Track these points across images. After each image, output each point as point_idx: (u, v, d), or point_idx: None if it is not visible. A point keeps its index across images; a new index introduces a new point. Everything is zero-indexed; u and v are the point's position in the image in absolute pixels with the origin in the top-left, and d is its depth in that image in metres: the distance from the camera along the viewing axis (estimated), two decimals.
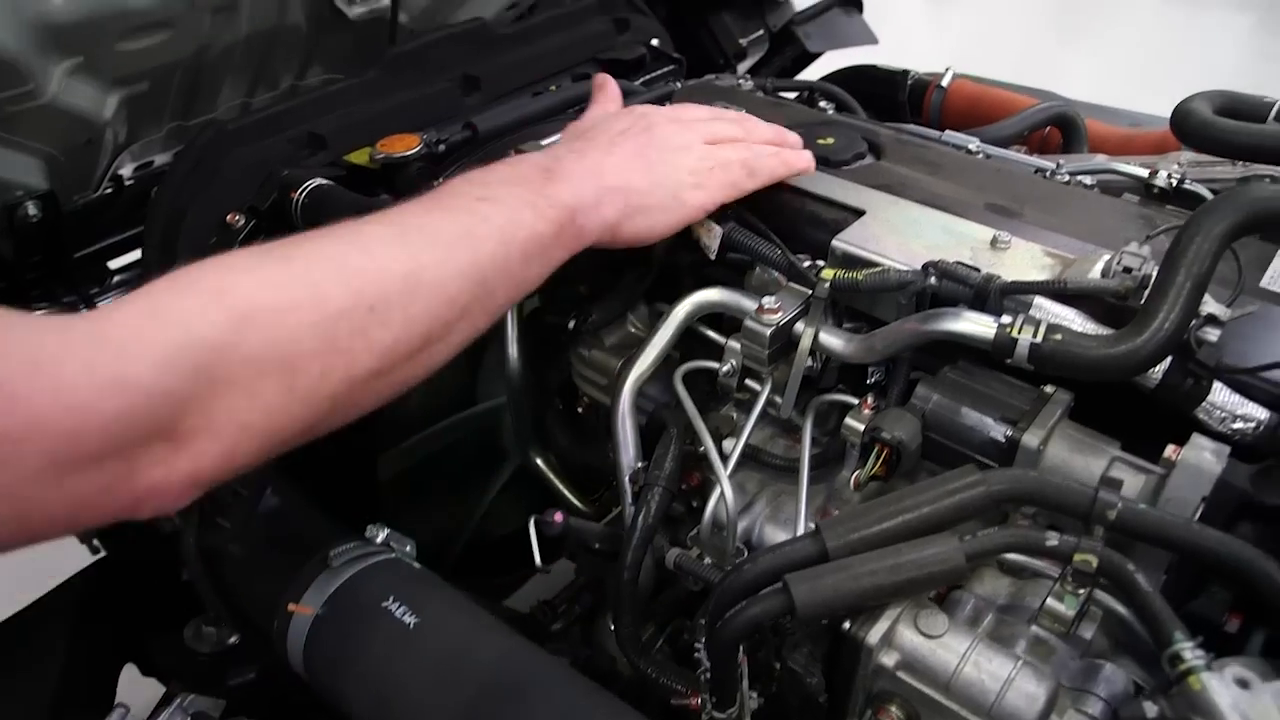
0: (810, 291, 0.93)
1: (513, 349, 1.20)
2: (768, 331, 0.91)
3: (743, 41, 2.14)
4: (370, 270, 0.74)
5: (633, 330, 1.22)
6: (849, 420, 0.92)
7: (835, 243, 0.96)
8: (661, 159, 0.96)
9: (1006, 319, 0.81)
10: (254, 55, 1.50)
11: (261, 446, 0.70)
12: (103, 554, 1.35)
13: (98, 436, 0.60)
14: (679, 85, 1.37)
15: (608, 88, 1.12)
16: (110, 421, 0.60)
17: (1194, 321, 0.77)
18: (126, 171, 1.54)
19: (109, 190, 1.52)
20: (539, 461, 1.30)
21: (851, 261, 0.95)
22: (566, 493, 1.28)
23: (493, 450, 1.61)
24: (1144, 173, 1.18)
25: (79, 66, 1.23)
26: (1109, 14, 6.08)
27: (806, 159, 1.06)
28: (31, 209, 1.30)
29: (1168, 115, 1.61)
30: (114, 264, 1.69)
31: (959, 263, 0.90)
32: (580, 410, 1.29)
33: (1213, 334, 0.79)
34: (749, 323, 0.92)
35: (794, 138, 1.09)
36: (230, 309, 0.67)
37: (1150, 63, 5.18)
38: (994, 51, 5.34)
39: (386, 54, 1.47)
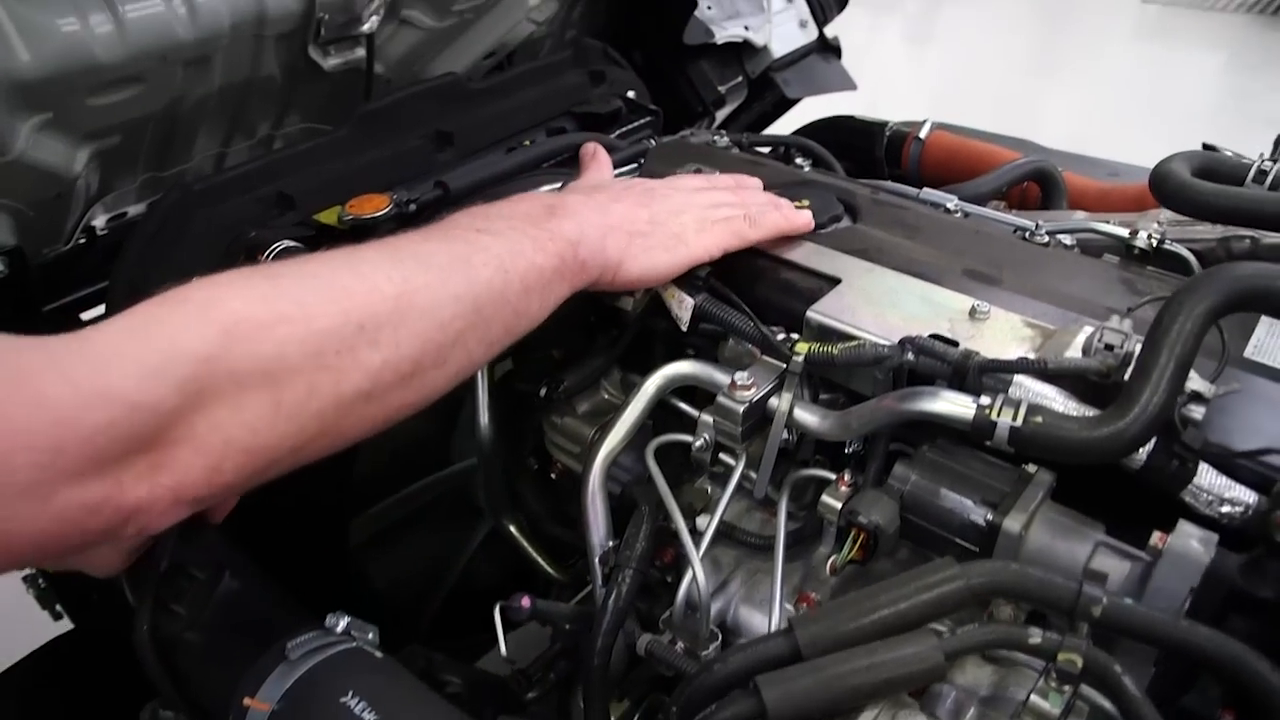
0: (785, 366, 0.90)
1: (484, 415, 1.17)
2: (740, 409, 0.88)
3: (721, 88, 2.13)
4: (359, 290, 0.73)
5: (606, 396, 1.19)
6: (825, 498, 0.89)
7: (810, 314, 0.94)
8: (663, 210, 0.98)
9: (985, 400, 0.78)
10: (229, 106, 1.48)
11: (247, 465, 0.68)
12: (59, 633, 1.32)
13: (81, 450, 0.59)
14: (653, 142, 1.35)
15: (599, 156, 1.13)
16: (94, 434, 0.59)
17: (1179, 398, 0.75)
18: (99, 223, 1.51)
19: (81, 241, 1.50)
20: (512, 528, 1.27)
21: (827, 333, 0.93)
22: (540, 560, 1.25)
23: (469, 509, 1.57)
24: (1124, 232, 1.16)
25: (47, 122, 1.20)
26: (1085, 52, 6.17)
27: (807, 217, 1.07)
28: None
29: (1144, 160, 1.61)
30: (87, 315, 1.66)
31: (936, 336, 0.88)
32: (554, 476, 1.26)
33: (1198, 412, 0.77)
34: (722, 399, 0.89)
35: (786, 204, 1.09)
36: (215, 322, 0.66)
37: (1125, 100, 5.25)
38: (972, 90, 5.41)
39: (357, 111, 1.45)
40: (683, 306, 0.95)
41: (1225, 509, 0.75)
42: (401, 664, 0.92)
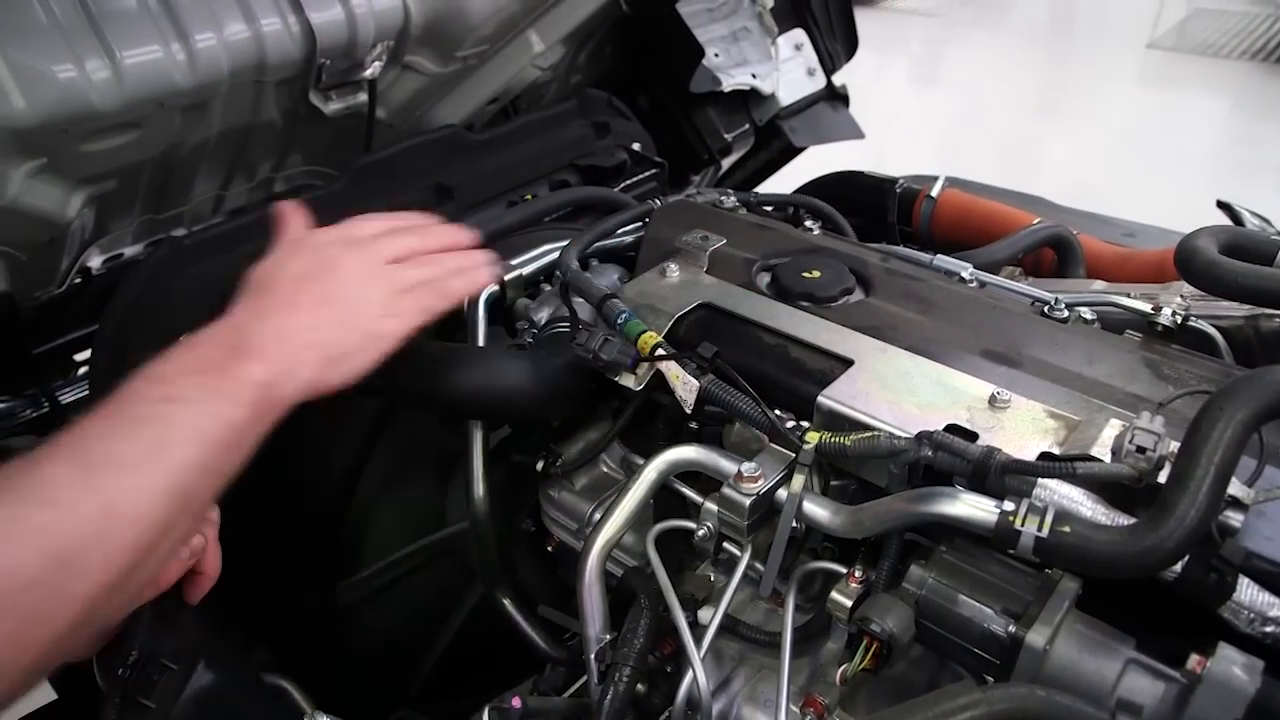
0: (794, 455, 0.85)
1: (478, 487, 1.13)
2: (747, 502, 0.83)
3: (728, 136, 2.11)
4: (54, 522, 0.68)
5: (605, 470, 1.14)
6: (835, 595, 0.84)
7: (821, 399, 0.89)
8: (348, 302, 0.92)
9: (1009, 505, 0.73)
10: (228, 150, 1.46)
11: None
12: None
13: None
14: (658, 202, 1.31)
15: (289, 219, 1.04)
16: None
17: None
18: (95, 264, 1.49)
19: (77, 282, 1.46)
20: (505, 601, 1.21)
21: (838, 420, 0.88)
22: (534, 636, 1.20)
23: (462, 571, 1.53)
24: (1147, 307, 1.12)
25: (42, 168, 1.18)
26: (1089, 96, 6.18)
27: (489, 274, 1.05)
28: None
29: (1149, 207, 1.58)
30: (80, 356, 1.63)
31: (954, 426, 0.84)
32: (550, 549, 1.21)
33: (1237, 519, 0.73)
34: (727, 491, 0.85)
35: (473, 261, 1.05)
36: None
37: (1129, 145, 5.25)
38: (976, 133, 5.41)
39: (354, 164, 1.42)
40: (687, 389, 0.91)
41: (1269, 629, 0.71)
42: None
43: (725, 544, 0.92)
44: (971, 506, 0.75)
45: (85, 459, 0.72)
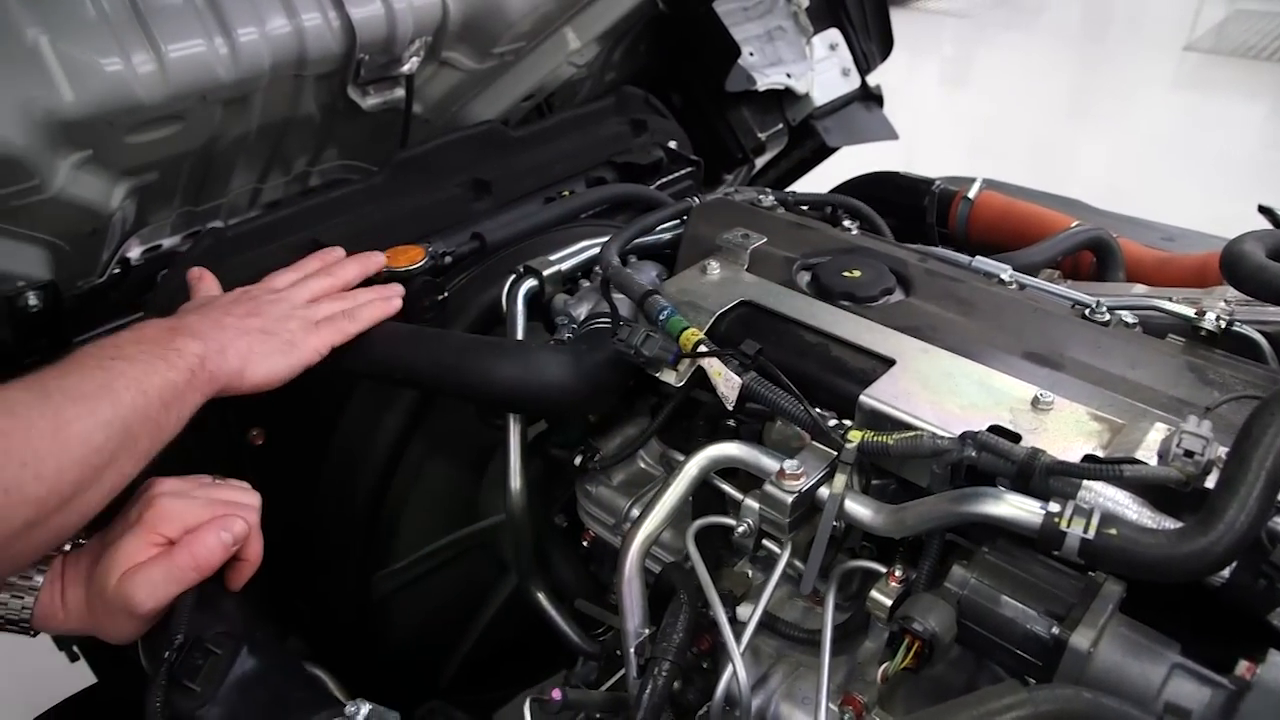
0: (836, 453, 0.85)
1: (515, 479, 1.13)
2: (789, 499, 0.83)
3: (761, 135, 2.11)
4: (16, 430, 0.79)
5: (643, 466, 1.15)
6: (875, 594, 0.85)
7: (864, 398, 0.89)
8: (272, 316, 1.08)
9: (1054, 506, 0.73)
10: (266, 144, 1.47)
11: None
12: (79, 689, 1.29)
13: None
14: (696, 200, 1.31)
15: (205, 278, 1.20)
16: None
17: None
18: (134, 254, 1.51)
19: (116, 272, 1.49)
20: (540, 595, 1.22)
21: (880, 420, 0.88)
22: (568, 630, 1.20)
23: (494, 564, 1.53)
24: (1190, 311, 1.11)
25: (87, 159, 1.20)
26: (1123, 99, 6.12)
27: (395, 304, 1.16)
28: (32, 299, 1.27)
29: (1183, 211, 1.56)
30: None
31: (996, 427, 0.84)
32: (585, 544, 1.21)
33: None
34: (769, 488, 0.85)
35: (377, 260, 1.22)
36: None
37: (1163, 148, 5.19)
38: (1008, 135, 5.37)
39: (393, 158, 1.43)
40: (729, 385, 0.91)
41: None
42: None
43: (764, 541, 0.92)
44: (1016, 507, 0.75)
45: (42, 388, 0.84)
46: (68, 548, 0.97)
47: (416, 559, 1.41)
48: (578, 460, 1.11)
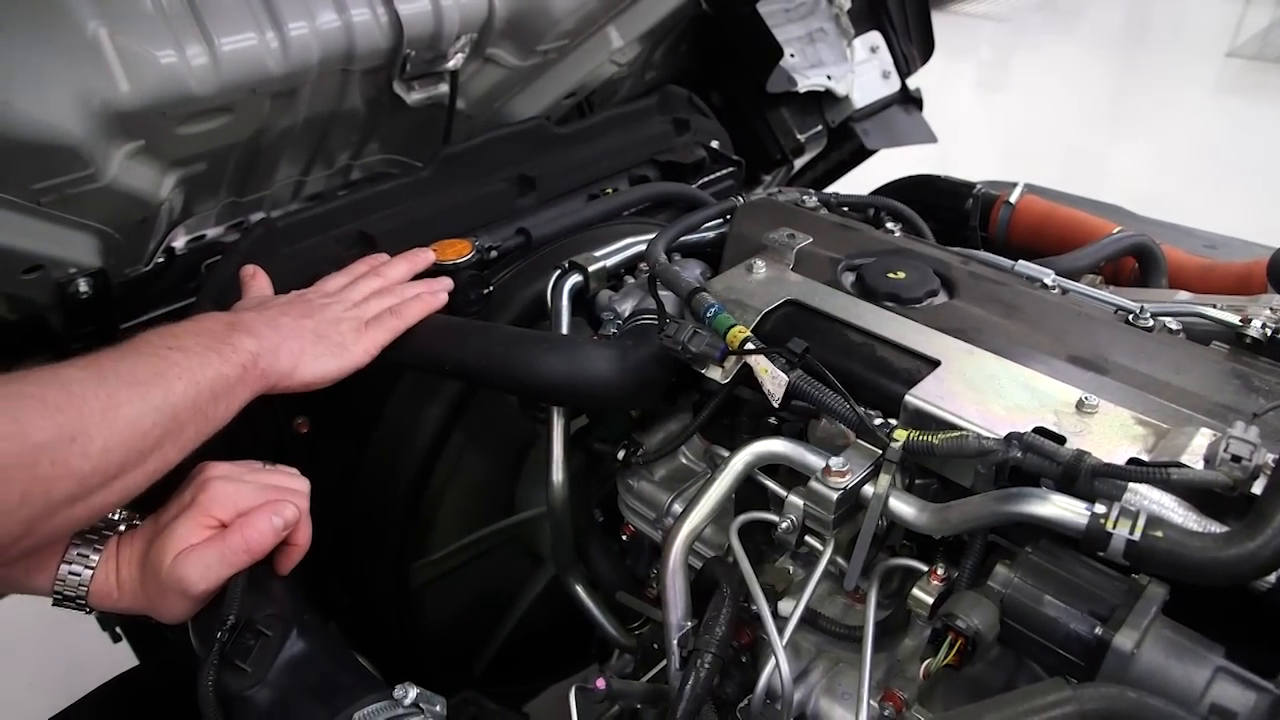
0: (880, 452, 0.86)
1: (558, 473, 1.15)
2: (835, 496, 0.84)
3: (801, 137, 2.11)
4: (69, 405, 0.81)
5: (684, 462, 1.16)
6: (917, 593, 0.85)
7: (909, 398, 0.90)
8: (325, 318, 1.11)
9: (1100, 508, 0.74)
10: (311, 137, 1.50)
11: None
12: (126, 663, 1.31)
13: None
14: (740, 199, 1.32)
15: (259, 276, 1.22)
16: None
17: None
18: (179, 244, 1.54)
19: (160, 261, 1.51)
20: (578, 588, 1.24)
21: (925, 420, 0.89)
22: (605, 623, 1.22)
23: (530, 557, 1.55)
24: (1235, 319, 1.11)
25: (139, 150, 1.22)
26: (1162, 106, 6.05)
27: (442, 298, 1.18)
28: (83, 285, 1.30)
29: (1224, 221, 1.55)
30: None
31: (1041, 429, 0.84)
32: (625, 538, 1.23)
33: None
34: (815, 484, 0.86)
35: (426, 257, 1.24)
36: None
37: (1202, 156, 5.13)
38: (1044, 141, 5.33)
39: (440, 153, 1.45)
40: (776, 383, 0.92)
41: None
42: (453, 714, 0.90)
43: (806, 538, 0.93)
44: (1062, 508, 0.76)
45: (99, 369, 0.86)
46: (122, 528, 0.99)
47: (454, 550, 1.43)
48: (620, 454, 1.12)
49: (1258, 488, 0.74)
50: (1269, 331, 1.08)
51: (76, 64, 1.10)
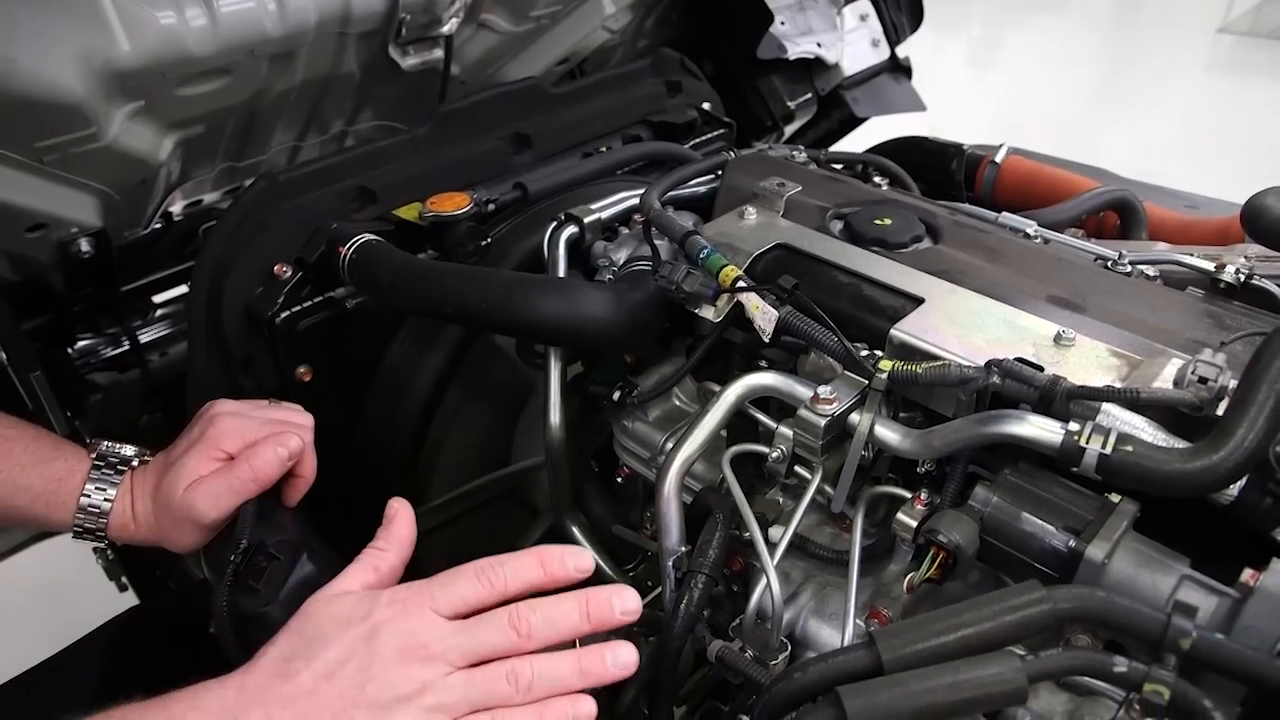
0: (867, 382, 0.90)
1: (554, 415, 1.18)
2: (823, 422, 0.88)
3: (791, 104, 2.14)
4: None
5: (678, 403, 1.19)
6: (901, 516, 0.89)
7: (894, 332, 0.94)
8: (378, 698, 0.72)
9: (1074, 426, 0.78)
10: (307, 101, 1.52)
11: None
12: (130, 605, 1.35)
13: None
14: (732, 154, 1.35)
15: (397, 522, 0.89)
16: None
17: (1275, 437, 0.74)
18: (176, 209, 1.56)
19: (158, 226, 1.54)
20: (574, 528, 1.27)
21: (909, 352, 0.93)
22: (601, 562, 1.25)
23: (526, 508, 1.58)
24: (1210, 265, 1.14)
25: (140, 110, 1.25)
26: (1153, 82, 6.07)
27: (630, 663, 0.77)
28: (84, 245, 1.33)
29: (1220, 194, 1.59)
30: (159, 298, 1.71)
31: (1021, 359, 0.88)
32: (620, 479, 1.27)
33: None
34: (803, 412, 0.89)
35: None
36: None
37: (1193, 132, 5.15)
38: (1034, 117, 5.35)
39: (438, 110, 1.48)
40: (766, 318, 0.96)
41: None
42: None
43: (796, 468, 0.96)
44: (1038, 427, 0.79)
45: None
46: (136, 464, 1.03)
47: (452, 498, 1.46)
48: (615, 395, 1.15)
49: (1223, 410, 0.78)
50: (1242, 277, 1.12)
51: (78, 23, 1.13)
